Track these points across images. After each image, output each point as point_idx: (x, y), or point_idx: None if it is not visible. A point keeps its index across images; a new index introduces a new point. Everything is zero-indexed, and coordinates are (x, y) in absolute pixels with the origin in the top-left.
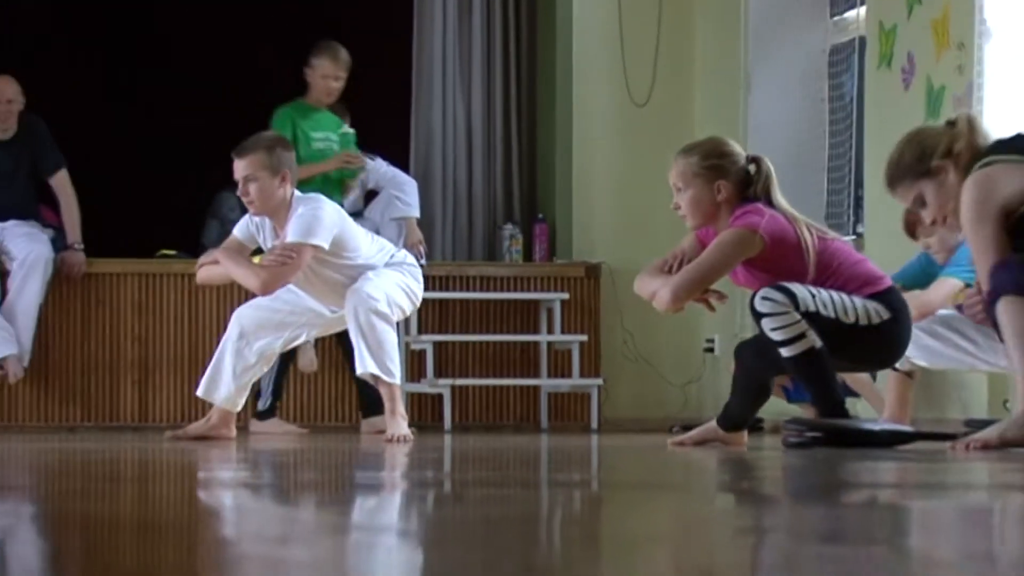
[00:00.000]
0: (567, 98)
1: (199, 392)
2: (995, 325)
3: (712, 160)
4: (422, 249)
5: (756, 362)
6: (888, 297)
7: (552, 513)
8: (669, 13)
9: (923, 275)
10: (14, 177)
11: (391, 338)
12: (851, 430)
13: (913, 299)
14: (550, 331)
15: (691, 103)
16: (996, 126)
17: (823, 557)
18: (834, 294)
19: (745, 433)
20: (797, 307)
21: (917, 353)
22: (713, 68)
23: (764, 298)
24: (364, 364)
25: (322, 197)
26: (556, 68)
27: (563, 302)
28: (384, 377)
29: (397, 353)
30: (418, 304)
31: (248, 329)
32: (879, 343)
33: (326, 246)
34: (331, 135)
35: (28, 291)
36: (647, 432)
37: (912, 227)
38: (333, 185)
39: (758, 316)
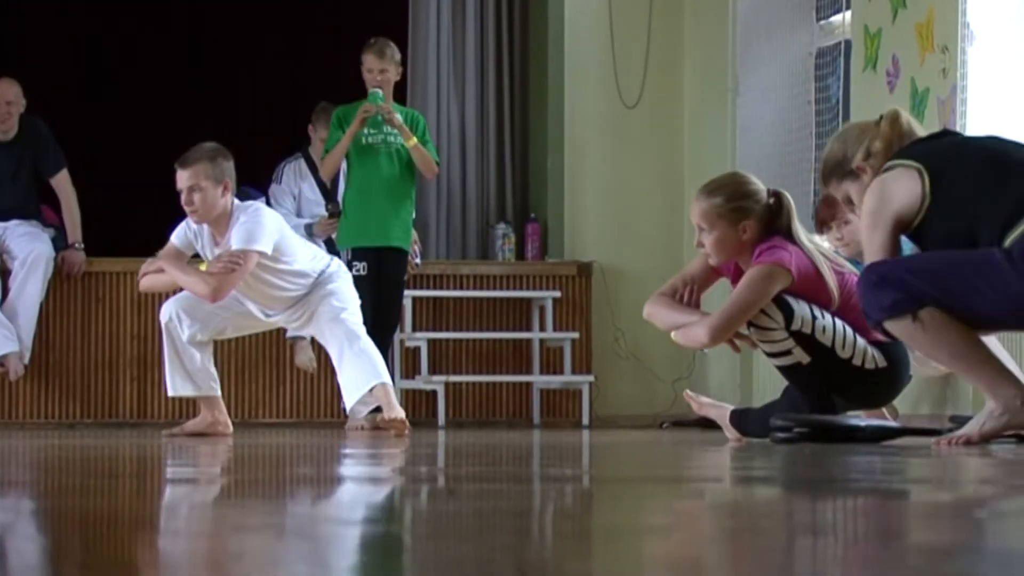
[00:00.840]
0: (559, 100)
1: (170, 394)
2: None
3: (737, 203)
4: (417, 248)
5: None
6: (892, 348)
7: (544, 507)
8: (659, 17)
9: None
10: (15, 178)
11: (371, 351)
12: (838, 426)
13: None
14: (542, 329)
15: (680, 105)
16: (979, 128)
17: (810, 550)
18: (839, 325)
19: None
20: (789, 325)
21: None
22: (702, 71)
23: (762, 312)
24: (351, 397)
25: (262, 205)
26: (548, 70)
27: (555, 300)
28: (371, 391)
29: (379, 356)
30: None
31: (178, 317)
32: (864, 386)
33: (269, 251)
34: (389, 129)
35: (29, 289)
36: (638, 428)
37: (821, 224)
38: (370, 154)
39: (750, 323)
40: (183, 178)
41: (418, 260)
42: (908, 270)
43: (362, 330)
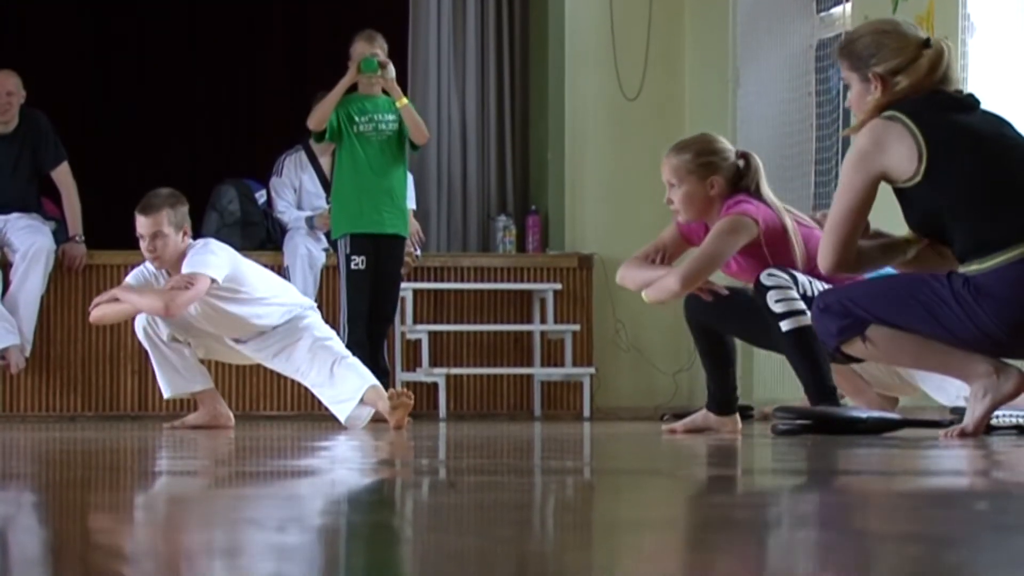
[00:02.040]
0: (559, 92)
1: (166, 395)
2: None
3: (705, 157)
4: (419, 238)
5: (707, 316)
6: None
7: (545, 500)
8: (659, 8)
9: None
10: (16, 170)
11: (349, 362)
12: (839, 418)
13: None
14: (543, 321)
15: (681, 97)
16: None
17: (812, 543)
18: (824, 286)
19: (738, 419)
20: (797, 288)
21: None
22: (702, 62)
23: (770, 274)
24: (346, 407)
25: (212, 240)
26: (548, 62)
27: (556, 292)
28: (360, 400)
29: (358, 363)
30: None
31: (152, 320)
32: None
33: (220, 279)
34: (379, 116)
35: (30, 283)
36: (639, 420)
37: None
38: (360, 141)
39: (764, 289)
40: (145, 225)
41: (419, 252)
42: (851, 299)
43: (347, 352)
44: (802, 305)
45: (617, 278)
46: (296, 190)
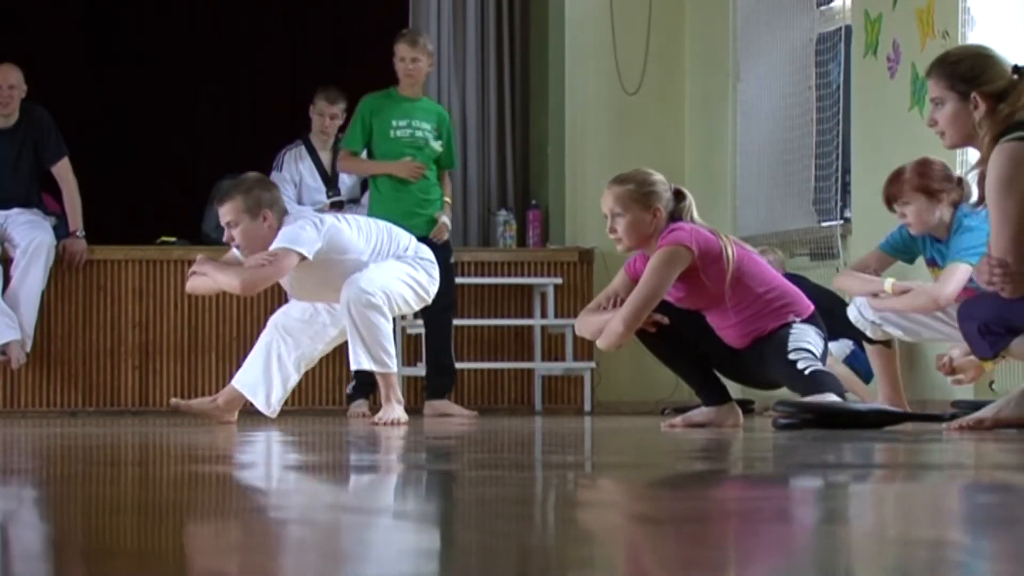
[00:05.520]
0: (559, 87)
1: (236, 383)
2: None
3: (647, 187)
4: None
5: (664, 345)
6: (815, 321)
7: (546, 494)
8: (660, 2)
9: (904, 248)
10: (17, 165)
11: (385, 329)
12: (841, 411)
13: (923, 294)
14: (544, 315)
15: (681, 91)
16: None
17: (810, 537)
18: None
19: (739, 412)
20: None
21: (893, 327)
22: (702, 57)
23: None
24: (359, 360)
25: (307, 213)
26: (548, 57)
27: (556, 287)
28: (379, 369)
29: (392, 343)
30: (429, 299)
31: (286, 336)
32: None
33: (310, 256)
34: (418, 123)
35: (31, 278)
36: (639, 414)
37: (890, 200)
38: (398, 147)
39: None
40: (221, 214)
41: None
42: (1001, 316)
43: (379, 310)
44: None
45: (576, 329)
46: (296, 184)
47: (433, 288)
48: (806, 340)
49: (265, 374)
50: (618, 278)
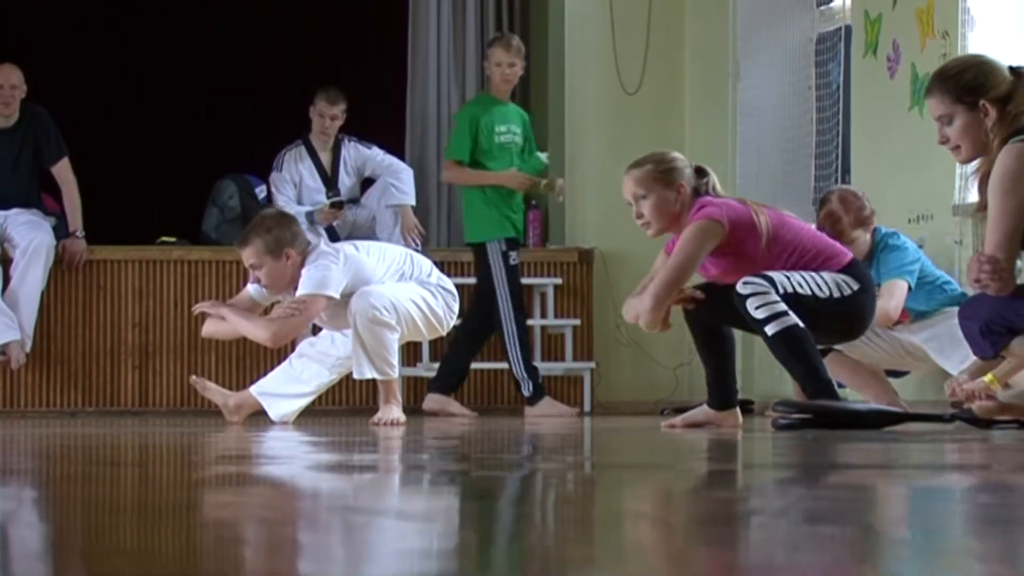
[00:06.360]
0: (559, 86)
1: (254, 390)
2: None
3: (666, 165)
4: (418, 235)
5: (704, 315)
6: (853, 270)
7: (546, 494)
8: (659, 2)
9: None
10: (16, 166)
11: (391, 343)
12: (840, 411)
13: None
14: (543, 315)
15: (681, 91)
16: None
17: (810, 537)
18: (805, 275)
19: (739, 413)
20: (776, 290)
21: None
22: (702, 56)
23: (746, 282)
24: (361, 370)
25: (326, 251)
26: (548, 56)
27: (556, 287)
28: (380, 377)
29: (396, 354)
30: (443, 330)
31: (314, 359)
32: (850, 314)
33: (337, 296)
34: (515, 128)
35: (30, 278)
36: (639, 415)
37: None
38: (504, 152)
39: (742, 298)
40: (243, 257)
41: (417, 246)
42: (1002, 315)
43: (386, 324)
44: (783, 306)
45: (623, 313)
46: (296, 185)
47: (449, 319)
48: (813, 281)
49: (284, 389)
50: (658, 260)
